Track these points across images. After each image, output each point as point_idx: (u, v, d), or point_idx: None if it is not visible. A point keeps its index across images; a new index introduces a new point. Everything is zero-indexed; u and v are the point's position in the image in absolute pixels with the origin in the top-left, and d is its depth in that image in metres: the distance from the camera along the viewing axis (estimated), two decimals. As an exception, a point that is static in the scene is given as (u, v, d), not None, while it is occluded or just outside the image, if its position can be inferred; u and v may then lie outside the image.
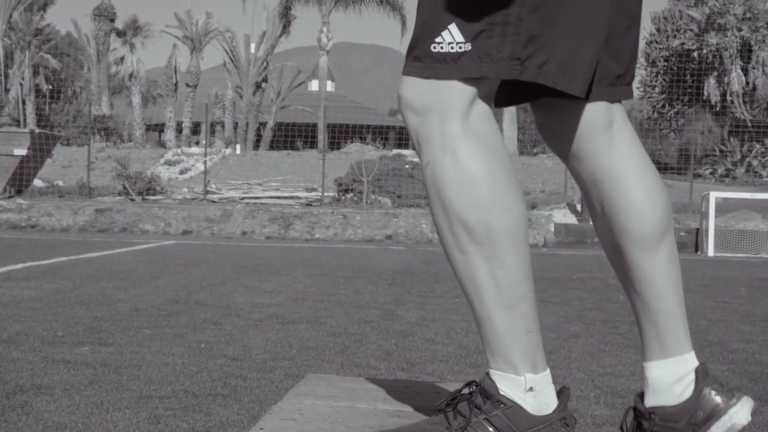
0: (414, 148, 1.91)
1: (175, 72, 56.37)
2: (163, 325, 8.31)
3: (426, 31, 1.82)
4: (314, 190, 30.11)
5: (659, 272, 2.03)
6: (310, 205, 27.84)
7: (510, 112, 44.66)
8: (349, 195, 27.75)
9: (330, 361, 6.92)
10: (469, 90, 1.82)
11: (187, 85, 54.27)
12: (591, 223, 2.13)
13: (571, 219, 25.92)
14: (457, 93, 1.82)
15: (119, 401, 5.45)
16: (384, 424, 2.14)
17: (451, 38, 1.79)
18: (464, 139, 1.82)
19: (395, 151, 35.14)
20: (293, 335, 7.99)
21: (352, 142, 45.47)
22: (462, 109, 1.82)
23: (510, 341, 1.90)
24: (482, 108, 1.85)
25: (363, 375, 6.28)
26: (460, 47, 1.79)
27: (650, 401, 2.07)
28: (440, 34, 1.80)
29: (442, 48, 1.80)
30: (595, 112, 1.99)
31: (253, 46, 53.12)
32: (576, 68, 1.82)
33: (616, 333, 8.57)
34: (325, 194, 28.39)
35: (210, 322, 8.56)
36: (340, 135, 47.32)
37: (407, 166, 28.15)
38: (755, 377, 6.59)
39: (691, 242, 24.27)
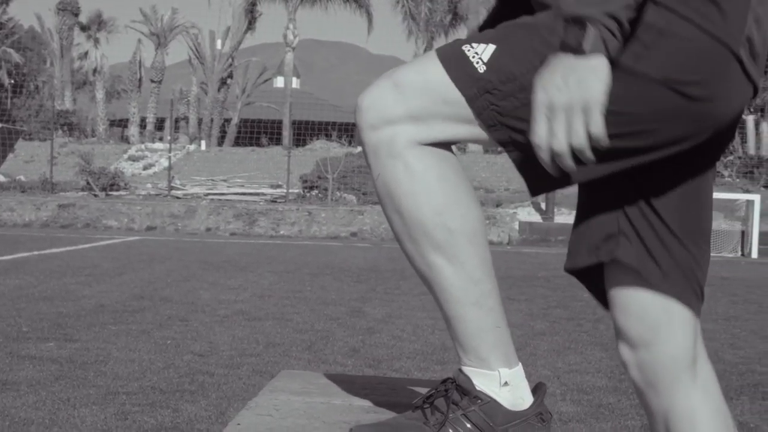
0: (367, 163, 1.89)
1: (140, 67, 56.03)
2: (129, 321, 8.27)
3: (475, 35, 1.84)
4: (279, 186, 30.06)
5: None
6: (275, 201, 27.79)
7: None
8: (314, 192, 27.73)
9: (297, 357, 6.92)
10: (433, 118, 1.81)
11: (152, 81, 53.94)
12: (555, 221, 2.08)
13: (536, 217, 26.04)
14: (415, 114, 1.81)
15: (86, 397, 5.43)
16: (360, 420, 2.14)
17: (481, 52, 1.79)
18: (413, 147, 1.82)
19: (361, 149, 35.13)
20: (260, 332, 7.98)
21: (318, 139, 45.41)
22: (415, 130, 1.81)
23: (480, 338, 1.92)
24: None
25: (332, 372, 6.29)
26: (477, 63, 1.78)
27: None
28: (479, 44, 1.80)
29: (468, 51, 1.79)
30: (681, 348, 1.99)
31: (219, 42, 52.95)
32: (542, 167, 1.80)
33: (581, 331, 8.62)
34: (290, 191, 28.35)
35: (176, 319, 8.53)
36: (305, 132, 47.25)
37: (372, 164, 28.15)
38: (719, 374, 6.61)
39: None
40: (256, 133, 45.36)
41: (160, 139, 49.55)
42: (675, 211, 1.91)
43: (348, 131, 54.61)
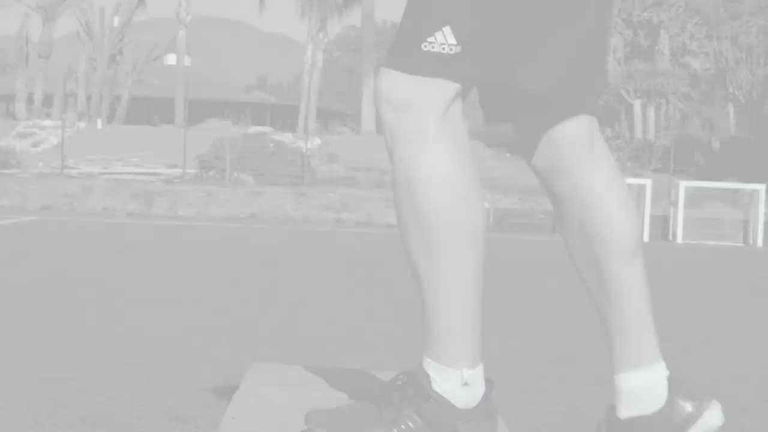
0: (386, 144, 1.97)
1: (27, 42, 54.75)
2: (46, 305, 8.18)
3: (419, 28, 1.90)
4: (175, 166, 29.73)
5: (636, 283, 2.17)
6: (172, 182, 27.51)
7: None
8: (212, 172, 27.50)
9: (220, 344, 6.92)
10: (450, 89, 1.91)
11: (39, 56, 52.76)
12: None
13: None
14: (438, 92, 1.90)
15: (16, 385, 5.38)
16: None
17: (444, 40, 1.87)
18: (441, 139, 1.91)
19: (257, 129, 34.91)
20: (178, 316, 7.97)
21: (215, 118, 44.98)
22: (441, 108, 1.91)
23: (454, 335, 2.01)
24: (458, 107, 1.95)
25: (258, 359, 6.33)
26: (451, 49, 1.87)
27: (626, 412, 2.13)
28: (433, 34, 1.88)
29: (433, 47, 1.87)
30: (579, 129, 2.12)
31: (115, 20, 51.93)
32: (557, 77, 1.95)
33: (493, 315, 8.78)
34: (187, 171, 28.06)
35: (92, 303, 8.46)
36: (199, 111, 46.79)
37: (271, 144, 28.06)
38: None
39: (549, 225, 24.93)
40: (147, 111, 44.75)
41: (48, 116, 48.53)
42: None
43: (240, 110, 54.20)
